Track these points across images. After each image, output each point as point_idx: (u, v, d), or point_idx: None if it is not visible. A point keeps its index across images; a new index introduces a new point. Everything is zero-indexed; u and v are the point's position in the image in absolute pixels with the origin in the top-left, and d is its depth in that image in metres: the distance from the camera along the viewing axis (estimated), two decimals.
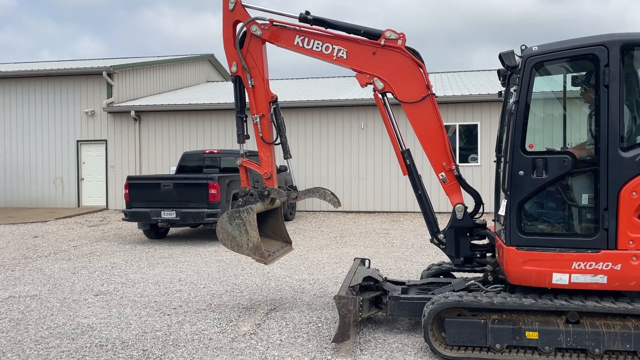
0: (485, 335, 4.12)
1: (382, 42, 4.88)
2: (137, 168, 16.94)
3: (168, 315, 5.56)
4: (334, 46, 5.06)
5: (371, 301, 4.93)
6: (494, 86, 15.95)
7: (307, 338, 4.80)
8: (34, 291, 6.66)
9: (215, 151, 12.74)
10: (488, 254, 4.93)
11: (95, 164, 17.35)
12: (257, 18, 5.27)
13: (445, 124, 5.01)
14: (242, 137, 5.65)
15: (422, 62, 4.90)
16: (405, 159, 4.99)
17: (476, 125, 15.01)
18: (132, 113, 16.72)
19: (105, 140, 17.23)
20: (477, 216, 4.96)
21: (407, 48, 4.88)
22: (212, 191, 10.17)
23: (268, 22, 5.24)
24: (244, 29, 5.31)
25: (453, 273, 5.67)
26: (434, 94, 4.89)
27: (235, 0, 5.34)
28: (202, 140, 16.72)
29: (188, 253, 9.32)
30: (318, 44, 5.11)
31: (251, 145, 6.44)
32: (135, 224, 11.51)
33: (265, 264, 5.20)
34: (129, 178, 10.83)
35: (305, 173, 15.90)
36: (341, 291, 4.58)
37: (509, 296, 4.19)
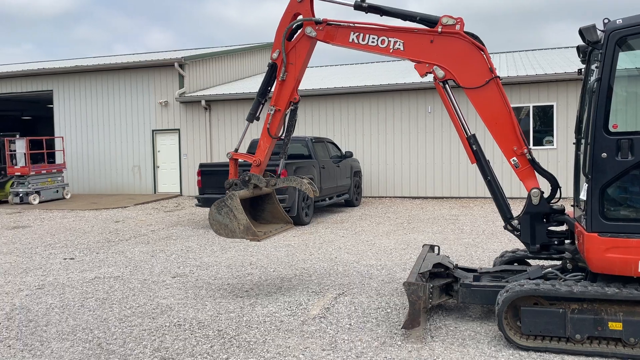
0: (564, 325, 3.95)
1: (440, 29, 4.77)
2: (208, 155, 17.52)
3: (240, 297, 5.75)
4: (389, 39, 5.00)
5: (441, 288, 4.86)
6: (571, 64, 15.08)
7: (377, 323, 4.81)
8: (117, 272, 7.09)
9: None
10: (566, 241, 4.71)
11: (169, 152, 18.12)
12: (314, 20, 5.29)
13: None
14: (252, 117, 5.76)
15: (483, 45, 4.75)
16: (472, 144, 4.84)
17: (552, 106, 14.27)
18: (203, 102, 17.28)
19: (178, 129, 17.93)
20: (553, 201, 4.74)
21: (466, 33, 4.74)
22: None
23: (322, 23, 5.24)
24: (300, 22, 5.36)
25: (528, 261, 5.47)
26: (499, 77, 4.72)
27: None
28: None
29: None
30: (373, 38, 5.06)
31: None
32: (207, 209, 11.93)
33: (258, 241, 5.52)
34: (201, 165, 11.22)
35: (370, 159, 15.81)
36: (410, 277, 4.54)
37: (590, 285, 3.99)
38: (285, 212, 5.74)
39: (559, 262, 4.84)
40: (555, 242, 4.70)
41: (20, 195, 15.80)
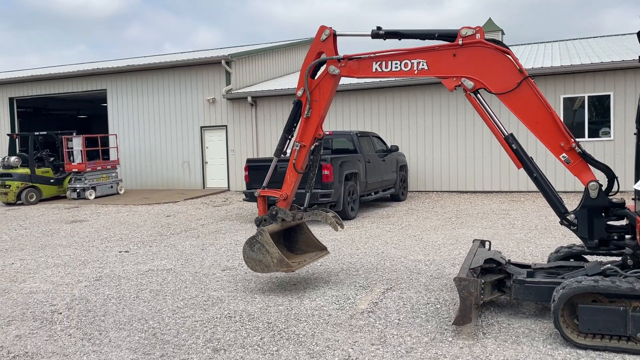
0: (625, 323, 3.79)
1: (460, 42, 4.73)
2: (255, 151, 17.76)
3: (289, 291, 5.80)
4: (412, 61, 4.99)
5: (493, 284, 4.75)
6: (629, 52, 14.38)
7: (426, 319, 4.75)
8: (169, 265, 7.29)
9: (327, 133, 12.92)
10: (627, 236, 4.51)
11: (217, 148, 18.48)
12: (337, 58, 5.33)
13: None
14: (279, 152, 5.90)
15: (507, 48, 4.69)
16: (511, 144, 4.72)
17: (608, 96, 13.66)
18: (249, 99, 17.51)
19: (226, 126, 18.25)
20: (611, 193, 4.55)
21: (487, 40, 4.69)
22: (325, 172, 10.37)
23: (343, 59, 5.28)
24: (322, 60, 5.42)
25: (585, 256, 5.27)
26: (530, 76, 4.60)
27: (330, 32, 5.45)
28: None
29: None
30: (396, 63, 5.07)
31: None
32: (254, 204, 12.11)
33: (292, 272, 5.62)
34: (248, 161, 11.38)
35: (416, 153, 15.61)
36: (461, 273, 4.46)
37: None
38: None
39: (618, 258, 4.63)
40: (615, 237, 4.52)
41: (78, 190, 16.50)
